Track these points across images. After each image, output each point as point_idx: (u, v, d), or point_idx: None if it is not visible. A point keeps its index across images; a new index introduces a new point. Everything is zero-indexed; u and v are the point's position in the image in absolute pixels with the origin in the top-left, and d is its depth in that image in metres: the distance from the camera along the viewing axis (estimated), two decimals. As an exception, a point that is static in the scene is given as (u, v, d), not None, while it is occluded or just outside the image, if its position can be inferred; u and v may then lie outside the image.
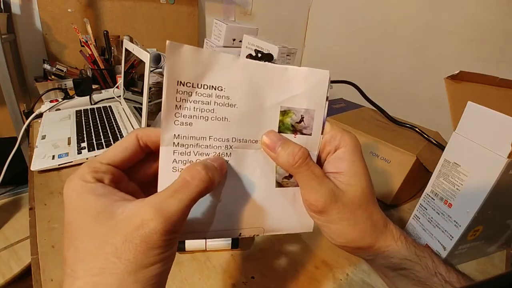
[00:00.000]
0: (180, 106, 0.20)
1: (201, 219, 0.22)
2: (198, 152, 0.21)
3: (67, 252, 0.16)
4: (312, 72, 0.22)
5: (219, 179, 0.20)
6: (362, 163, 0.22)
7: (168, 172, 0.20)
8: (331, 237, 0.23)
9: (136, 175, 0.21)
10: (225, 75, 0.20)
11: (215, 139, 0.21)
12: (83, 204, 0.16)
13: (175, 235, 0.17)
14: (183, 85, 0.19)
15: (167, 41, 0.18)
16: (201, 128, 0.21)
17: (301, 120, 0.23)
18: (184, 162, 0.21)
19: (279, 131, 0.22)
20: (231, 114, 0.21)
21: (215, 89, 0.20)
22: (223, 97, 0.21)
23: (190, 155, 0.21)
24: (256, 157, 0.23)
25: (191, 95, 0.20)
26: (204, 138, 0.21)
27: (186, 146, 0.21)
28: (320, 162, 0.24)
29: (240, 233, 0.23)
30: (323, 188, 0.21)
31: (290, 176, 0.23)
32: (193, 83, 0.20)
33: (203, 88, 0.20)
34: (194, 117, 0.20)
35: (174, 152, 0.20)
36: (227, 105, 0.21)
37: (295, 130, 0.23)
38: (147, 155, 0.22)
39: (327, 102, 0.23)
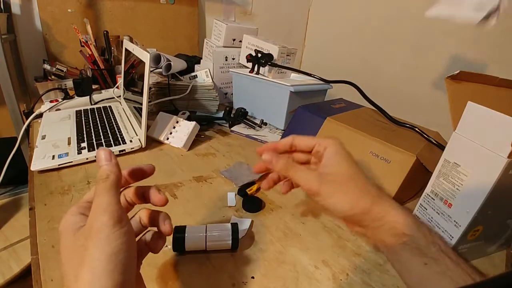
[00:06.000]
0: None
1: None
2: None
3: (61, 261, 0.22)
4: None
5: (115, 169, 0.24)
6: (344, 155, 0.29)
7: None
8: (334, 210, 0.28)
9: None
10: None
11: None
12: (67, 229, 0.22)
13: (120, 220, 0.21)
14: None
15: None
16: None
17: None
18: None
19: None
20: None
21: None
22: None
23: None
24: None
25: None
26: None
27: None
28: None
29: None
30: (310, 175, 0.29)
31: None
32: None
33: None
34: None
35: None
36: None
37: None
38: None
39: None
